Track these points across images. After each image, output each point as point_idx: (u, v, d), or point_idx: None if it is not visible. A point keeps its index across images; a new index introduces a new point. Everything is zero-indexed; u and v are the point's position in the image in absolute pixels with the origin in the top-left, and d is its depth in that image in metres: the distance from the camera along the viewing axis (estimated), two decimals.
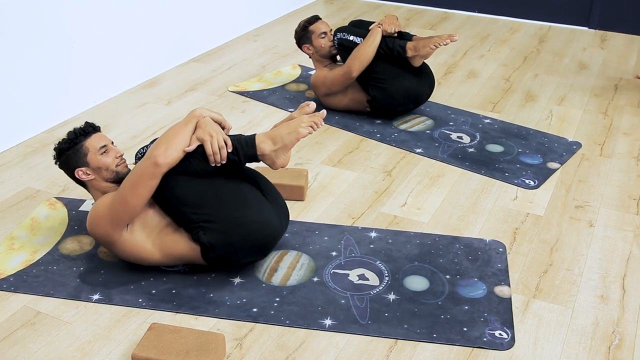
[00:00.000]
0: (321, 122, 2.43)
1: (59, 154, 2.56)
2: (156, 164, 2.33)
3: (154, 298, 2.46)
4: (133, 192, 2.36)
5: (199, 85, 4.36)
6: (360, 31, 3.73)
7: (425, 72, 3.79)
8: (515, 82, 4.42)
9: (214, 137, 2.38)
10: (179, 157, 2.38)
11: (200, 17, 4.84)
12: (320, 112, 2.47)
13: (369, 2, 6.27)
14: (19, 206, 3.05)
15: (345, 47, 3.72)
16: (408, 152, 3.52)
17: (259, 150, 2.42)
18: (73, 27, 3.79)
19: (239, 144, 2.42)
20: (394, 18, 3.72)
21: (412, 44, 3.62)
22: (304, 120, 2.43)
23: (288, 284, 2.54)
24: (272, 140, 2.42)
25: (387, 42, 3.65)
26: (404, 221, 2.94)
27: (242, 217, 2.41)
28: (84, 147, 2.52)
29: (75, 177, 2.55)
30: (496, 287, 2.53)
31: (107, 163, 2.53)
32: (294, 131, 2.41)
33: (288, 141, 2.41)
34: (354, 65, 3.61)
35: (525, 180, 3.25)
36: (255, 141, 2.42)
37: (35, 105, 3.66)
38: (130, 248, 2.47)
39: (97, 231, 2.46)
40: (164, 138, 2.39)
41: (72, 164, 2.54)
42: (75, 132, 2.55)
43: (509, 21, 5.74)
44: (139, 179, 2.36)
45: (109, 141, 2.58)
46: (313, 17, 3.92)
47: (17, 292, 2.50)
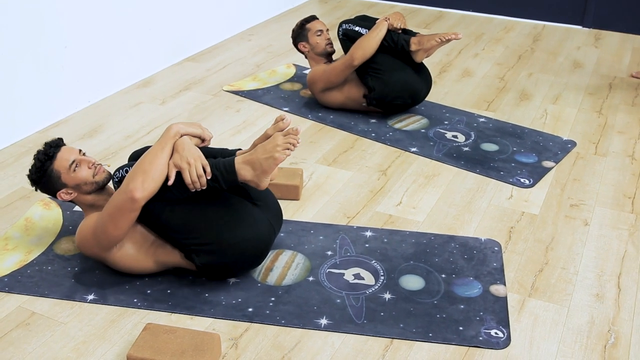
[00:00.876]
0: (297, 141, 2.29)
1: (34, 184, 2.51)
2: (133, 199, 2.26)
3: (149, 298, 2.46)
4: (113, 224, 2.32)
5: (193, 84, 4.35)
6: (366, 24, 3.76)
7: (424, 71, 3.81)
8: (510, 81, 4.42)
9: (192, 164, 2.28)
10: (157, 188, 2.29)
11: (195, 16, 4.83)
12: (294, 128, 2.32)
13: (363, 2, 6.27)
14: (13, 206, 3.04)
15: (350, 37, 3.73)
16: (403, 151, 3.51)
17: (240, 177, 2.32)
18: (66, 27, 3.78)
19: (217, 171, 2.32)
20: (400, 15, 3.75)
21: (416, 39, 3.66)
22: (279, 143, 2.28)
23: (283, 284, 2.53)
24: (250, 166, 2.30)
25: (392, 35, 3.67)
26: (399, 220, 2.94)
27: (233, 237, 2.37)
28: (54, 172, 2.45)
29: (60, 199, 2.52)
30: (492, 286, 2.53)
31: (83, 177, 2.46)
32: (270, 156, 2.27)
33: (267, 166, 2.29)
34: (357, 53, 3.61)
35: (520, 179, 3.25)
36: (235, 167, 2.31)
37: (29, 105, 3.64)
38: (122, 262, 2.47)
39: (86, 252, 2.47)
40: (140, 168, 2.29)
41: (52, 189, 2.49)
42: (40, 158, 2.46)
43: (504, 20, 5.75)
44: (117, 212, 2.30)
45: (77, 152, 2.50)
46: (310, 16, 3.96)
47: (12, 293, 2.49)
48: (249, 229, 2.40)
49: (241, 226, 2.39)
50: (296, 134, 2.30)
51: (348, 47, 3.73)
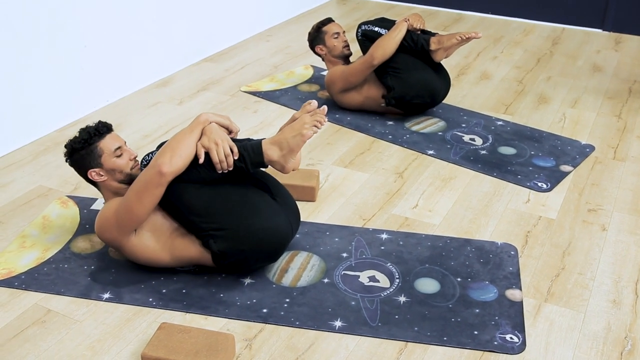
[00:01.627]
0: (324, 119, 2.36)
1: (70, 153, 2.53)
2: (161, 173, 2.30)
3: (164, 297, 2.46)
4: (138, 200, 2.34)
5: (211, 85, 4.36)
6: (385, 24, 3.77)
7: (443, 71, 3.81)
8: (529, 84, 4.40)
9: (219, 145, 2.34)
10: (184, 165, 2.34)
11: (213, 16, 4.84)
12: (321, 107, 2.40)
13: (382, 3, 6.26)
14: (31, 204, 3.06)
15: (369, 37, 3.74)
16: (420, 153, 3.50)
17: (266, 157, 2.37)
18: (86, 26, 3.80)
19: (245, 152, 2.37)
20: (419, 16, 3.75)
21: (435, 38, 3.66)
22: (306, 121, 2.36)
23: (298, 285, 2.53)
24: (278, 145, 2.36)
25: (411, 35, 3.68)
26: (415, 223, 2.93)
27: (252, 225, 2.38)
28: (98, 149, 2.49)
29: (87, 177, 2.54)
30: (507, 290, 2.52)
31: (122, 165, 2.50)
32: (298, 134, 2.34)
33: (294, 145, 2.35)
34: (377, 52, 3.61)
35: (538, 183, 3.23)
36: (262, 148, 2.37)
37: (47, 103, 3.67)
38: (139, 252, 2.47)
39: (104, 236, 2.47)
40: (169, 146, 2.35)
41: (85, 165, 2.51)
42: (89, 131, 2.50)
43: (523, 23, 5.72)
44: (143, 187, 2.33)
45: (123, 142, 2.55)
46: (326, 19, 3.96)
47: (28, 290, 2.51)
48: (268, 220, 2.41)
49: (261, 216, 2.40)
50: (323, 113, 2.37)
51: (367, 47, 3.73)
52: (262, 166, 2.41)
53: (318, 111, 2.38)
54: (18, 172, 3.33)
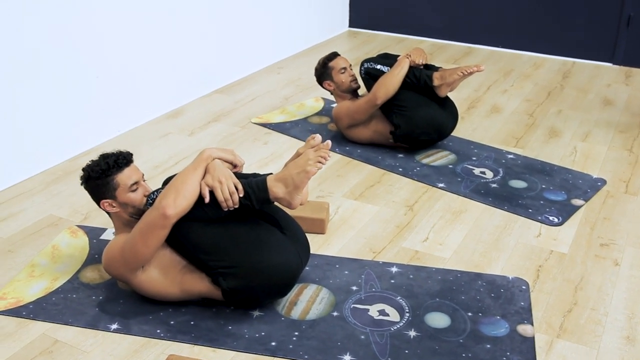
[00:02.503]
0: (328, 155, 2.33)
1: (86, 179, 2.51)
2: (165, 216, 2.28)
3: (172, 329, 2.45)
4: (143, 241, 2.33)
5: (221, 116, 4.38)
6: (388, 61, 3.75)
7: (449, 104, 3.80)
8: (539, 118, 4.40)
9: (223, 183, 2.31)
10: (189, 206, 2.31)
11: (224, 48, 4.88)
12: (324, 142, 2.37)
13: (392, 36, 6.30)
14: (41, 233, 3.06)
15: (372, 75, 3.73)
16: (430, 186, 3.49)
17: (272, 194, 2.34)
18: (98, 57, 3.83)
19: (250, 189, 2.35)
20: (421, 50, 3.75)
21: (438, 74, 3.65)
22: (310, 157, 2.32)
23: (307, 318, 2.51)
24: (283, 182, 2.34)
25: (414, 71, 3.67)
26: (425, 256, 2.91)
27: (261, 261, 2.36)
28: (114, 182, 2.47)
29: (100, 206, 2.54)
30: (519, 325, 2.49)
31: (135, 201, 2.49)
32: (302, 170, 2.31)
33: (299, 181, 2.32)
34: (379, 92, 3.61)
35: (549, 216, 3.21)
36: (267, 184, 2.35)
37: (59, 133, 3.69)
38: (147, 287, 2.46)
39: (111, 271, 2.47)
40: (172, 186, 2.32)
41: (99, 194, 2.50)
42: (109, 163, 2.47)
43: (533, 56, 5.74)
44: (148, 229, 2.32)
45: (140, 175, 2.53)
46: (332, 53, 3.95)
47: (36, 320, 2.50)
48: (277, 256, 2.39)
49: (270, 252, 2.38)
50: (327, 148, 2.34)
51: (370, 85, 3.73)
52: (268, 203, 2.39)
53: (322, 146, 2.35)
54: (29, 201, 3.33)
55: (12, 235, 3.04)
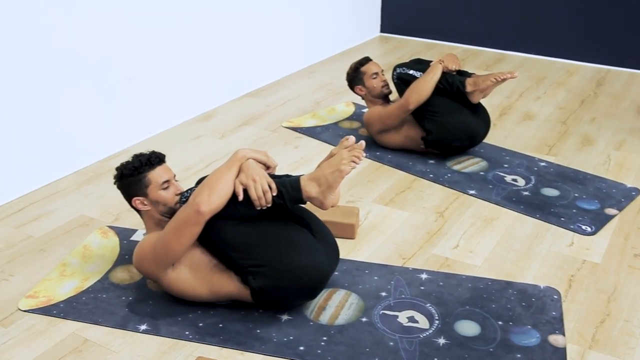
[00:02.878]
0: (362, 154, 2.33)
1: (119, 177, 2.54)
2: (199, 212, 2.29)
3: (200, 331, 2.45)
4: (175, 238, 2.34)
5: (253, 119, 4.39)
6: (420, 67, 3.74)
7: (482, 111, 3.76)
8: (572, 125, 4.35)
9: (257, 181, 2.32)
10: (222, 203, 2.33)
11: (256, 52, 4.89)
12: (358, 143, 2.37)
13: (425, 42, 6.27)
14: (73, 233, 3.08)
15: (404, 80, 3.72)
16: (461, 193, 3.47)
17: (305, 194, 2.35)
18: (131, 59, 3.86)
19: (283, 188, 2.35)
20: (454, 56, 3.72)
21: (471, 80, 3.63)
22: (344, 157, 2.33)
23: (336, 323, 2.50)
24: (316, 182, 2.34)
25: (447, 77, 3.65)
26: (455, 264, 2.89)
27: (291, 262, 2.36)
28: (146, 179, 2.50)
29: (131, 204, 2.56)
30: (550, 335, 2.45)
31: (166, 199, 2.51)
32: (336, 170, 2.31)
33: (332, 181, 2.32)
34: (411, 97, 3.60)
35: (582, 226, 3.17)
36: (300, 184, 2.35)
37: (91, 134, 3.72)
38: (176, 286, 2.47)
39: (141, 269, 2.48)
40: (207, 184, 2.34)
41: (131, 192, 2.53)
42: (141, 160, 2.51)
43: (566, 63, 5.68)
44: (181, 225, 2.33)
45: (172, 175, 2.55)
46: (364, 58, 3.93)
47: (67, 319, 2.52)
48: (308, 257, 2.39)
49: (301, 253, 2.38)
50: (361, 148, 2.34)
51: (403, 90, 3.72)
52: (301, 202, 2.39)
53: (356, 146, 2.36)
54: (61, 201, 3.36)
55: (45, 235, 3.07)
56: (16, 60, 3.23)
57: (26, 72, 3.29)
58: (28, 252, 2.94)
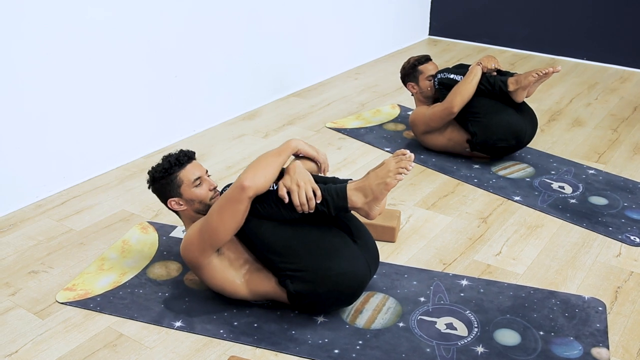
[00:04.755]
0: (410, 165, 2.27)
1: (152, 181, 2.55)
2: (242, 187, 2.25)
3: (235, 330, 2.43)
4: (219, 217, 2.30)
5: (297, 119, 4.37)
6: (461, 71, 3.68)
7: (527, 110, 3.68)
8: (624, 133, 4.23)
9: (301, 187, 2.29)
10: (267, 184, 2.29)
11: (302, 53, 4.87)
12: (408, 155, 2.30)
13: (473, 46, 6.18)
14: (113, 228, 3.10)
15: (445, 85, 3.66)
16: (506, 199, 3.39)
17: (350, 203, 2.31)
18: (177, 57, 3.87)
19: (329, 195, 2.31)
20: (492, 57, 3.66)
21: (513, 78, 3.56)
22: (391, 169, 2.27)
23: (372, 327, 2.45)
24: (362, 192, 2.30)
25: (487, 78, 3.59)
26: (497, 271, 2.82)
27: (330, 268, 2.32)
28: (177, 179, 2.49)
29: (168, 206, 2.55)
30: (594, 348, 2.37)
31: (201, 196, 2.49)
32: (382, 182, 2.26)
33: (378, 193, 2.28)
34: (455, 100, 3.54)
35: (631, 236, 3.07)
36: (347, 193, 2.31)
37: (135, 130, 3.74)
38: (218, 276, 2.43)
39: (187, 256, 2.43)
40: (253, 164, 2.33)
41: (165, 194, 2.52)
42: (170, 161, 2.50)
43: (619, 70, 5.53)
44: (225, 203, 2.29)
45: (204, 171, 2.54)
46: (424, 56, 3.87)
47: (103, 313, 2.52)
48: (347, 263, 2.34)
49: (340, 259, 2.34)
50: (410, 160, 2.28)
51: (444, 95, 3.66)
52: (345, 211, 2.35)
53: (404, 158, 2.29)
54: (103, 195, 3.39)
55: (86, 228, 3.09)
56: (64, 53, 3.26)
57: (72, 65, 3.32)
58: (68, 245, 2.97)
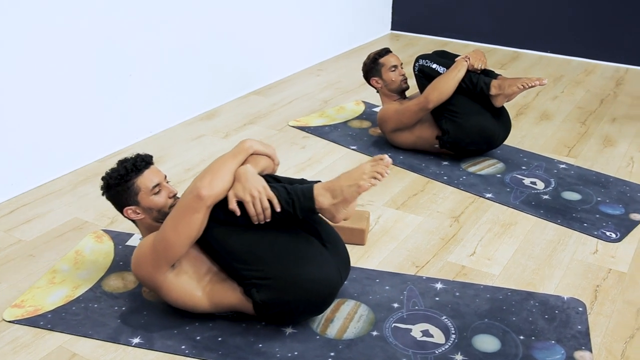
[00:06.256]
0: (386, 171, 2.13)
1: (106, 188, 2.37)
2: (199, 197, 2.10)
3: (198, 345, 2.27)
4: (174, 229, 2.15)
5: (258, 118, 4.22)
6: (444, 61, 3.53)
7: (504, 115, 3.56)
8: (592, 126, 4.15)
9: (256, 197, 2.13)
10: (225, 191, 2.15)
11: (263, 49, 4.72)
12: (386, 160, 2.16)
13: (436, 40, 6.09)
14: (65, 237, 2.91)
15: (426, 74, 3.52)
16: (477, 196, 3.28)
17: (317, 204, 2.15)
18: (131, 55, 3.70)
19: (295, 196, 2.16)
20: (481, 54, 3.51)
21: (497, 82, 3.42)
22: (366, 171, 2.13)
23: (344, 337, 2.31)
24: (331, 193, 2.15)
25: (471, 76, 3.45)
26: (472, 272, 2.70)
27: (298, 275, 2.18)
28: (135, 186, 2.32)
29: (124, 214, 2.38)
30: (576, 352, 2.26)
31: (160, 204, 2.33)
32: (354, 184, 2.12)
33: (348, 195, 2.13)
34: (432, 95, 3.41)
35: (606, 232, 2.98)
36: (314, 193, 2.17)
37: (89, 133, 3.56)
38: (175, 292, 2.27)
39: (140, 273, 2.27)
40: (209, 169, 2.18)
41: (121, 202, 2.35)
42: (126, 167, 2.33)
43: (583, 62, 5.49)
44: (181, 213, 2.14)
45: (163, 177, 2.38)
46: (383, 49, 3.74)
47: (54, 331, 2.34)
48: (316, 270, 2.20)
49: (309, 265, 2.20)
50: (387, 166, 2.15)
51: (424, 84, 3.52)
52: (313, 213, 2.20)
53: (381, 163, 2.15)
54: (55, 202, 3.20)
55: (36, 239, 2.91)
56: (8, 56, 3.07)
57: (17, 64, 3.13)
58: (17, 258, 2.77)
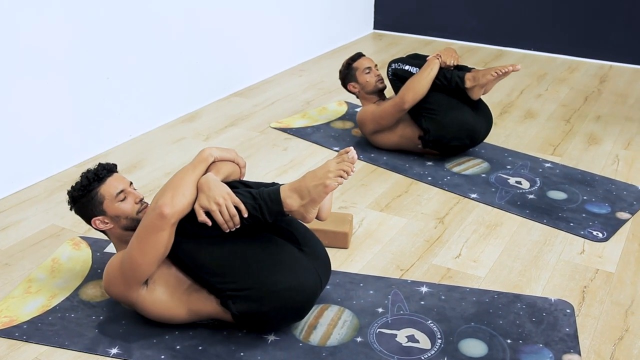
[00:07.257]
0: (352, 169, 2.07)
1: (72, 202, 2.32)
2: (162, 215, 2.04)
3: (178, 355, 2.21)
4: (140, 249, 2.09)
5: (239, 120, 4.15)
6: (416, 62, 3.51)
7: (482, 108, 3.54)
8: (577, 124, 4.13)
9: (222, 204, 2.07)
10: (188, 206, 2.09)
11: (244, 50, 4.66)
12: (351, 156, 2.09)
13: (419, 39, 6.05)
14: (41, 245, 2.84)
15: (399, 77, 3.49)
16: (462, 197, 3.24)
17: (286, 207, 2.09)
18: (109, 57, 3.62)
19: (262, 200, 2.10)
20: (452, 50, 3.50)
21: (470, 75, 3.41)
22: (331, 169, 2.06)
23: (328, 344, 2.26)
24: (298, 194, 2.08)
25: (444, 73, 3.43)
26: (458, 275, 2.65)
27: (275, 283, 2.12)
28: (98, 195, 2.27)
29: (93, 226, 2.32)
30: (565, 355, 2.22)
31: (127, 211, 2.27)
32: (320, 183, 2.05)
33: (316, 195, 2.06)
34: (407, 95, 3.37)
35: (593, 231, 2.94)
36: (281, 196, 2.10)
37: (65, 137, 3.48)
38: (151, 308, 2.21)
39: (112, 290, 2.23)
40: (169, 185, 2.12)
41: (88, 213, 2.30)
42: (88, 177, 2.28)
43: (567, 60, 5.46)
44: (145, 233, 2.08)
45: (127, 183, 2.32)
46: (356, 54, 3.73)
47: (30, 342, 2.27)
48: (293, 276, 2.14)
49: (285, 272, 2.14)
50: (352, 162, 2.08)
51: (398, 87, 3.49)
52: (282, 216, 2.14)
53: (346, 158, 2.09)
54: (31, 209, 3.12)
55: (11, 247, 2.83)
56: None
57: None
58: None
